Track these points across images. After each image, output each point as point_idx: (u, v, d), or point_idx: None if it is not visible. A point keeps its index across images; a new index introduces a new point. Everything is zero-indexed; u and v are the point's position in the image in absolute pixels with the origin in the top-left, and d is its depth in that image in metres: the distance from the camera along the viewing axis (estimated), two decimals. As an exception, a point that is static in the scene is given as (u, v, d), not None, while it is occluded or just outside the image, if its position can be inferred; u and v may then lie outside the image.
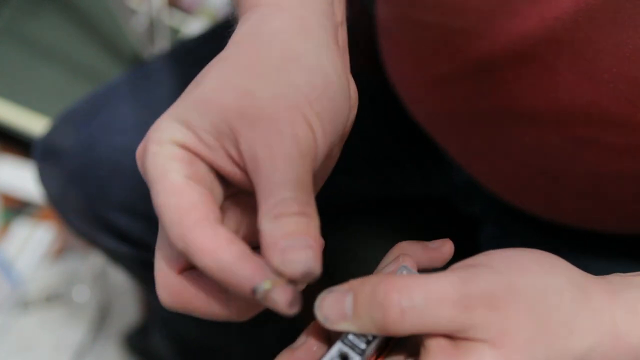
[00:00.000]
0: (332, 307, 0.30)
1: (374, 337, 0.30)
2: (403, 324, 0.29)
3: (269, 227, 0.29)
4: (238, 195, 0.34)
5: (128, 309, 1.14)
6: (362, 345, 0.30)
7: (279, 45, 0.33)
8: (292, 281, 0.29)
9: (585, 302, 0.31)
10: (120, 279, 1.17)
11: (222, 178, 0.32)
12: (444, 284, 0.29)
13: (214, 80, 0.32)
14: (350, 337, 0.30)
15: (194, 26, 1.41)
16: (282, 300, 0.29)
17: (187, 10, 1.44)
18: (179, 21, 1.41)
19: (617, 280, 0.33)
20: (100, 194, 0.59)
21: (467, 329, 0.29)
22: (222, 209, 0.33)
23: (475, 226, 0.61)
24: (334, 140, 0.33)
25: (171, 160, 0.30)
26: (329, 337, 0.33)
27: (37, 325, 1.10)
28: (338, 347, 0.30)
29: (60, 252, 1.18)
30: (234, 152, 0.31)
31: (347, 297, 0.30)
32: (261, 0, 0.35)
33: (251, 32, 0.34)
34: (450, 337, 0.29)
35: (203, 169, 0.31)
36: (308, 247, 0.28)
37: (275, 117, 0.30)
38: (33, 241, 1.16)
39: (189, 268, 0.32)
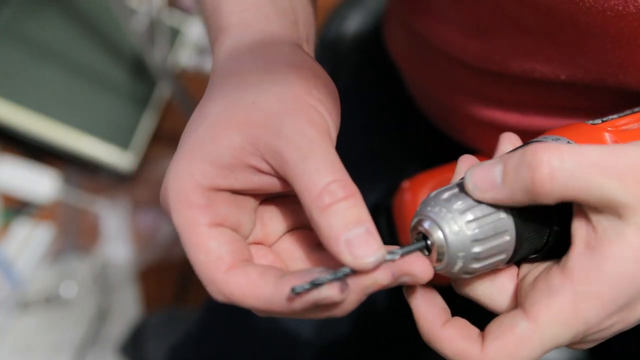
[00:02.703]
0: (482, 176, 0.30)
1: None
2: (552, 186, 0.28)
3: (322, 218, 0.30)
4: (277, 198, 0.35)
5: (128, 309, 1.14)
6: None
7: (259, 55, 0.35)
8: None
9: None
10: (120, 279, 1.17)
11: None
12: (596, 151, 0.29)
13: (216, 107, 0.33)
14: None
15: (194, 26, 1.41)
16: (334, 291, 0.29)
17: (187, 10, 1.44)
18: (179, 21, 1.41)
19: None
20: None
21: (616, 202, 0.29)
22: (266, 211, 0.35)
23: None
24: (338, 123, 0.34)
25: (191, 210, 0.31)
26: None
27: (37, 326, 1.10)
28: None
29: (60, 252, 1.18)
30: (260, 164, 0.32)
31: (497, 167, 0.30)
32: (230, 22, 0.37)
33: (230, 55, 0.36)
34: (596, 211, 0.29)
35: (225, 206, 0.32)
36: (369, 234, 0.29)
37: (284, 112, 0.32)
38: (33, 241, 1.16)
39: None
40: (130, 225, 1.24)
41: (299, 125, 0.31)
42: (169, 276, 1.19)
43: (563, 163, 0.28)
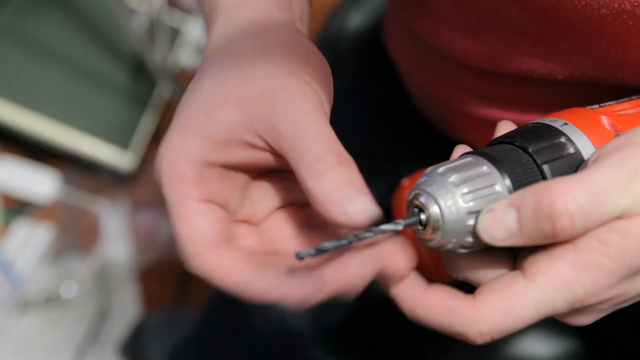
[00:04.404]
0: (496, 226, 0.30)
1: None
2: (573, 230, 0.28)
3: (316, 185, 0.30)
4: (271, 173, 0.35)
5: (128, 310, 1.14)
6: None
7: (253, 33, 0.35)
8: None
9: None
10: (120, 279, 1.17)
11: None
12: (601, 175, 0.29)
13: (210, 84, 0.33)
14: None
15: (194, 26, 1.41)
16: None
17: (187, 10, 1.44)
18: (179, 21, 1.41)
19: None
20: None
21: (630, 208, 0.29)
22: (257, 187, 0.35)
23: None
24: (331, 100, 0.35)
25: (183, 184, 0.32)
26: None
27: (37, 326, 1.10)
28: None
29: (60, 252, 1.18)
30: (254, 139, 0.32)
31: (509, 215, 0.29)
32: (223, 0, 0.38)
33: (223, 33, 0.36)
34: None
35: (216, 182, 0.32)
36: (362, 194, 0.30)
37: (279, 87, 0.32)
38: (33, 241, 1.16)
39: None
40: (130, 225, 1.24)
41: (294, 100, 0.31)
42: (169, 276, 1.19)
43: (579, 206, 0.28)
